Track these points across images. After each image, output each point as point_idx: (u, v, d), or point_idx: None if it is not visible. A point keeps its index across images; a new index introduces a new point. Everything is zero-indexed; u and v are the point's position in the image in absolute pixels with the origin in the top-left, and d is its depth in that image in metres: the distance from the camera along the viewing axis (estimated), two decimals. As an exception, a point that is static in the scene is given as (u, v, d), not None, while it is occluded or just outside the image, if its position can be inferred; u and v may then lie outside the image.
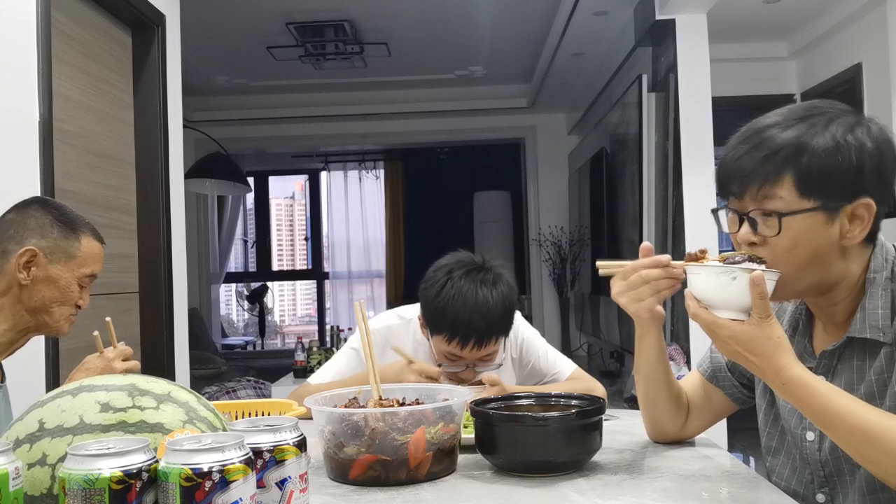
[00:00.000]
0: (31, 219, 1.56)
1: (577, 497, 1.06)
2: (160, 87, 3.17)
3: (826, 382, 1.07)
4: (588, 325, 6.12)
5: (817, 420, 1.06)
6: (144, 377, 0.96)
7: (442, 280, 1.70)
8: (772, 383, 1.08)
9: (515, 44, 5.41)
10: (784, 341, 1.06)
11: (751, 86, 4.80)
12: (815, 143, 1.06)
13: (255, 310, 8.35)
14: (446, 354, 1.71)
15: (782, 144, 1.08)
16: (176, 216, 3.25)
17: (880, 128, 1.10)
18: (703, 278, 1.09)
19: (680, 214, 3.92)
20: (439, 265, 1.75)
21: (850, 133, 1.07)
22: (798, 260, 1.09)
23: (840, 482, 1.17)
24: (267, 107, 6.64)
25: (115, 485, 0.75)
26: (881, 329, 1.11)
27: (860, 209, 1.08)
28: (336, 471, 1.17)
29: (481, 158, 7.89)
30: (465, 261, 1.74)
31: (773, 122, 1.11)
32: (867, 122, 1.10)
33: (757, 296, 1.04)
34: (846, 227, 1.09)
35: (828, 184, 1.06)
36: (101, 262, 1.65)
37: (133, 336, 3.07)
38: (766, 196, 1.08)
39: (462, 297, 1.65)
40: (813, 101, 1.15)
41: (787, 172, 1.07)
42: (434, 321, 1.70)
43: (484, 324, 1.65)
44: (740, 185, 1.11)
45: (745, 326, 1.06)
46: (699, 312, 1.09)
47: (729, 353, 1.10)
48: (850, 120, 1.09)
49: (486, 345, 1.68)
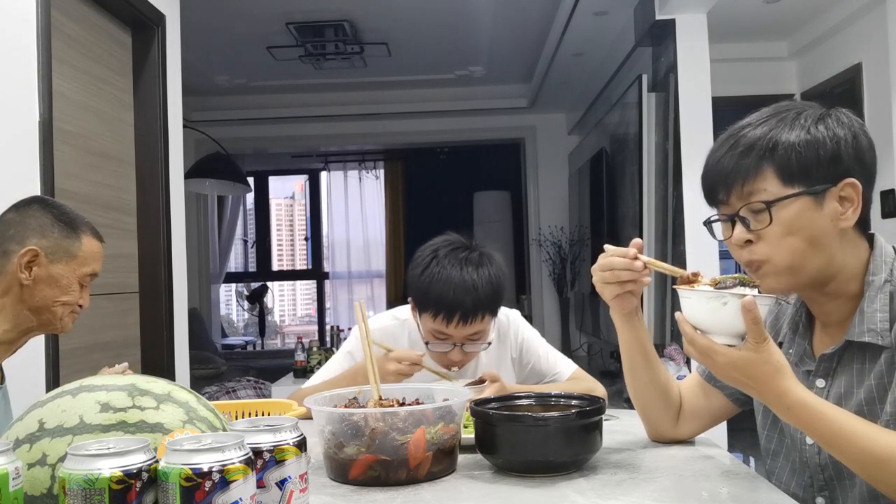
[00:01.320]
0: (32, 218, 1.56)
1: (577, 497, 1.06)
2: (160, 87, 3.17)
3: (829, 404, 1.06)
4: (588, 325, 6.12)
5: (824, 443, 1.05)
6: (144, 377, 0.96)
7: (427, 258, 1.72)
8: (775, 408, 1.07)
9: (515, 44, 5.41)
10: (783, 364, 1.05)
11: (751, 86, 4.80)
12: (787, 136, 1.10)
13: (255, 310, 8.35)
14: (433, 333, 1.72)
15: (756, 139, 1.11)
16: (176, 216, 3.25)
17: (849, 116, 1.13)
18: (693, 303, 1.08)
19: (680, 214, 3.92)
20: (426, 245, 1.77)
21: (819, 123, 1.11)
22: (796, 248, 1.09)
23: (840, 486, 1.16)
24: (267, 107, 6.63)
25: (115, 485, 0.75)
26: (880, 333, 1.10)
27: (847, 189, 1.09)
28: (336, 471, 1.17)
29: (481, 158, 7.89)
30: (451, 241, 1.76)
31: (746, 123, 1.15)
32: (835, 112, 1.13)
33: (750, 321, 1.03)
34: (838, 209, 1.10)
35: (808, 169, 1.09)
36: (101, 261, 1.65)
37: (133, 336, 3.07)
38: (751, 192, 1.10)
39: (447, 273, 1.67)
40: (782, 102, 1.19)
41: (766, 164, 1.10)
42: (420, 298, 1.72)
43: (469, 298, 1.66)
44: (725, 188, 1.13)
45: (741, 352, 1.05)
46: (695, 338, 1.08)
47: (728, 379, 1.09)
48: (817, 112, 1.13)
49: (473, 321, 1.69)
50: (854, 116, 1.14)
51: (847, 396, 1.14)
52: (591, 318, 5.97)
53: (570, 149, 6.88)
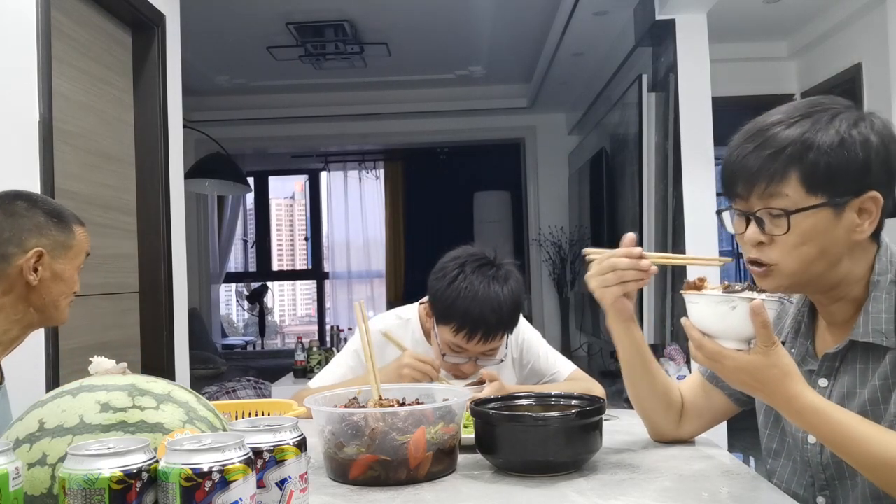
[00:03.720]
0: (24, 218, 1.55)
1: (577, 497, 1.05)
2: (160, 87, 3.17)
3: (840, 407, 1.05)
4: (588, 325, 6.12)
5: (835, 447, 1.04)
6: (144, 377, 0.96)
7: (454, 272, 1.72)
8: (784, 412, 1.06)
9: (515, 44, 5.41)
10: (792, 368, 1.04)
11: (751, 86, 4.80)
12: (820, 139, 1.05)
13: (255, 310, 8.35)
14: (451, 345, 1.73)
15: (787, 142, 1.06)
16: (176, 216, 3.25)
17: (883, 122, 1.10)
18: (701, 307, 1.07)
19: (680, 214, 3.92)
20: (451, 256, 1.77)
21: (854, 128, 1.06)
22: (807, 256, 1.08)
23: (841, 486, 1.16)
24: (267, 107, 6.63)
25: (115, 485, 0.75)
26: (884, 334, 1.09)
27: (867, 203, 1.07)
28: (336, 471, 1.17)
29: (481, 158, 7.89)
30: (477, 255, 1.76)
31: (777, 119, 1.10)
32: (870, 116, 1.10)
33: (759, 325, 1.01)
34: (855, 221, 1.07)
35: (834, 179, 1.05)
36: (89, 244, 1.67)
37: (133, 336, 3.07)
38: (772, 195, 1.07)
39: (474, 290, 1.67)
40: (816, 97, 1.14)
41: (793, 170, 1.06)
42: (444, 311, 1.71)
43: (494, 318, 1.67)
44: (746, 185, 1.10)
45: (750, 356, 1.03)
46: (703, 343, 1.06)
47: (736, 383, 1.08)
48: (853, 115, 1.08)
49: (493, 339, 1.70)
50: (887, 121, 1.11)
51: (850, 396, 1.13)
52: (591, 318, 5.97)
53: (570, 149, 6.88)
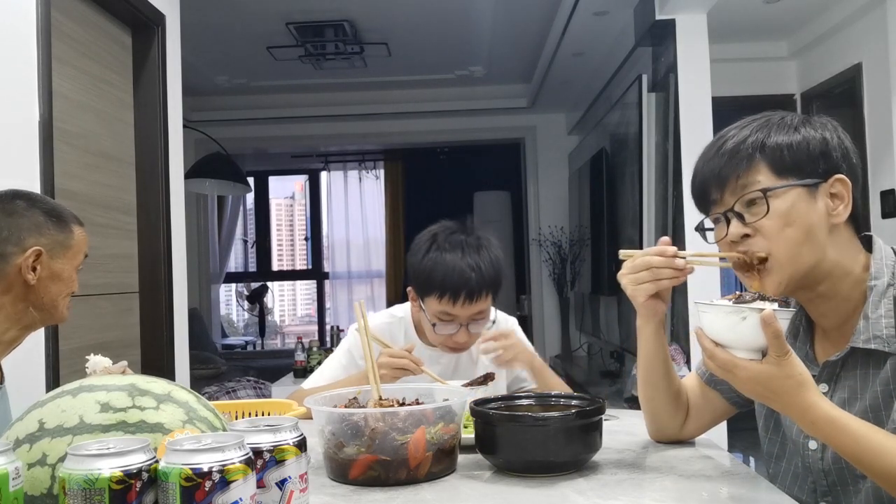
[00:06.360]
0: (23, 218, 1.55)
1: (577, 497, 1.05)
2: (160, 87, 3.17)
3: (855, 417, 1.04)
4: (588, 325, 6.12)
5: (851, 457, 1.03)
6: (144, 377, 0.96)
7: (426, 243, 1.77)
8: (799, 422, 1.05)
9: (515, 44, 5.41)
10: (807, 378, 1.03)
11: (751, 86, 4.80)
12: (776, 132, 1.13)
13: (255, 310, 8.35)
14: (439, 314, 1.75)
15: (746, 137, 1.14)
16: (176, 216, 3.25)
17: (831, 121, 1.17)
18: (712, 318, 1.06)
19: (680, 214, 3.92)
20: (423, 232, 1.83)
21: (806, 122, 1.15)
22: (793, 239, 1.10)
23: (843, 492, 1.16)
24: (267, 107, 6.63)
25: (115, 485, 0.75)
26: (886, 340, 1.09)
27: (837, 186, 1.12)
28: (336, 471, 1.17)
29: (481, 158, 7.88)
30: (449, 225, 1.82)
31: (730, 130, 1.18)
32: (817, 118, 1.17)
33: (771, 335, 1.01)
34: (830, 205, 1.12)
35: (800, 163, 1.11)
36: (87, 244, 1.67)
37: (133, 336, 3.07)
38: (745, 185, 1.12)
39: (449, 255, 1.73)
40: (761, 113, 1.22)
41: (758, 157, 1.12)
42: (424, 282, 1.75)
43: (473, 276, 1.71)
44: (718, 186, 1.14)
45: (763, 367, 1.03)
46: (715, 353, 1.06)
47: (750, 393, 1.07)
48: (801, 117, 1.16)
49: (478, 299, 1.73)
50: (836, 123, 1.18)
51: (851, 402, 1.13)
52: (591, 318, 5.96)
53: (570, 149, 6.88)
